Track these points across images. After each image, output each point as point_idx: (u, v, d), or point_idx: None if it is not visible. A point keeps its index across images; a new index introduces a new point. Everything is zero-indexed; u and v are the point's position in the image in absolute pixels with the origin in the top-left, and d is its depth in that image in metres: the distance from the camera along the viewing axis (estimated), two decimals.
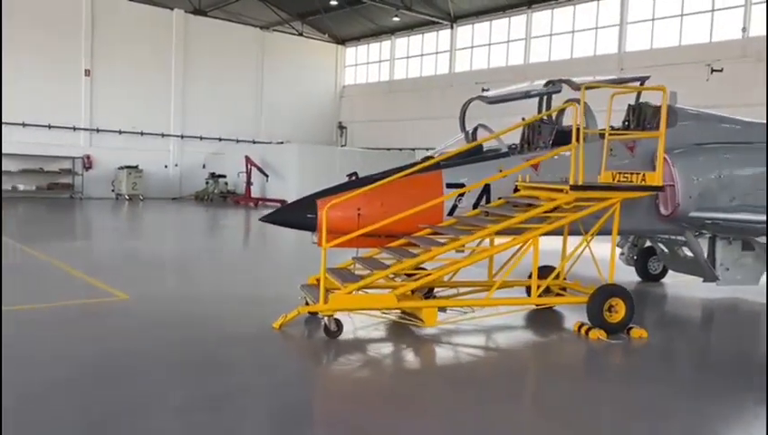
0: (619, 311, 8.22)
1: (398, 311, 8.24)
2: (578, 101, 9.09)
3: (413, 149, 33.14)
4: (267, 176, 30.49)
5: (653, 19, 24.72)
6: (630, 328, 8.24)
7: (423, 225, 8.67)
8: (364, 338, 7.94)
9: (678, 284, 12.31)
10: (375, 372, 6.88)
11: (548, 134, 9.56)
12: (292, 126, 35.78)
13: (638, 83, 10.02)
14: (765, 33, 17.76)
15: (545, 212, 8.25)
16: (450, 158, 9.00)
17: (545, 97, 9.89)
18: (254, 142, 34.13)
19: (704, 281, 10.78)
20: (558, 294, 9.37)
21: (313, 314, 8.21)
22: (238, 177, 31.29)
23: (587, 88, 8.59)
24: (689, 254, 10.87)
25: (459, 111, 10.26)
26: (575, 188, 8.18)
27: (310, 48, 37.34)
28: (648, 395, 6.24)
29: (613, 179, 8.97)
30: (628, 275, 12.14)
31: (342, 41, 38.46)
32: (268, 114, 35.54)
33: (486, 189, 9.01)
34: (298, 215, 8.87)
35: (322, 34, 37.66)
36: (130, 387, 5.88)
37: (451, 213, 8.96)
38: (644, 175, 8.86)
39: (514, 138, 10.00)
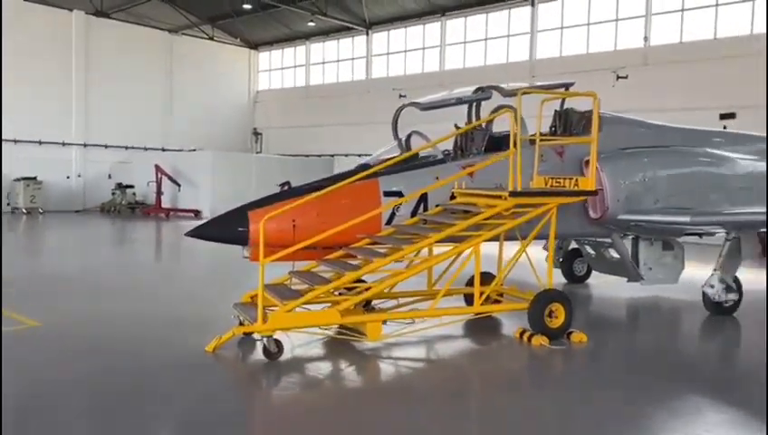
0: (559, 316, 8.27)
1: (337, 326, 7.92)
2: (508, 107, 9.14)
3: (332, 156, 32.85)
4: (179, 185, 29.22)
5: (561, 27, 25.66)
6: (570, 332, 8.31)
7: (361, 235, 8.40)
8: (305, 357, 7.53)
9: (602, 284, 12.68)
10: (322, 396, 6.50)
11: (481, 140, 9.54)
12: (205, 133, 34.54)
13: (563, 90, 10.22)
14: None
15: (485, 219, 8.17)
16: (388, 165, 8.75)
17: (475, 103, 9.90)
18: (164, 150, 32.63)
19: (628, 281, 11.12)
20: (496, 301, 9.34)
21: (249, 334, 7.75)
22: (148, 186, 29.80)
23: (523, 94, 8.59)
24: (615, 255, 11.18)
25: (391, 118, 10.06)
26: (514, 194, 8.16)
27: (221, 52, 36.24)
28: (603, 400, 6.26)
29: (546, 185, 9.08)
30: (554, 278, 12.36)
31: (255, 45, 37.58)
32: (179, 121, 34.11)
33: (424, 197, 8.86)
34: (228, 228, 8.37)
35: (234, 39, 36.63)
36: (48, 428, 5.22)
37: (389, 222, 8.74)
38: (577, 180, 9.00)
39: (447, 144, 9.93)
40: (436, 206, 8.92)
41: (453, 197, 9.04)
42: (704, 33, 22.08)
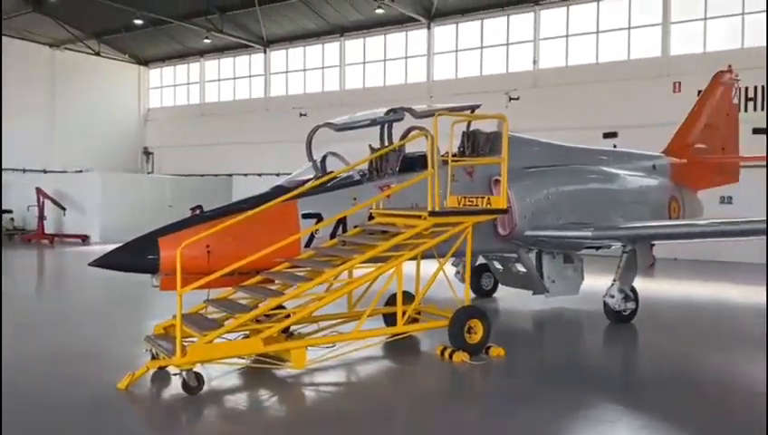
0: (477, 332, 8.46)
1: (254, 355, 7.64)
2: (422, 129, 9.32)
3: (229, 175, 32.03)
4: (64, 209, 27.31)
5: (456, 50, 26.63)
6: (489, 347, 8.53)
7: (280, 259, 8.20)
8: (225, 389, 7.20)
9: (508, 297, 13.14)
10: (249, 429, 6.23)
11: (395, 161, 9.65)
12: (92, 152, 32.60)
13: (469, 111, 10.54)
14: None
15: (406, 238, 8.24)
16: (309, 187, 8.63)
17: (387, 124, 10.01)
18: (46, 172, 30.47)
19: (533, 294, 11.62)
20: (414, 320, 9.41)
21: (163, 368, 7.33)
22: (28, 211, 27.61)
23: (439, 115, 8.78)
24: (521, 269, 11.65)
25: (305, 138, 9.91)
26: (434, 213, 8.29)
27: (109, 69, 34.49)
28: (525, 413, 6.44)
29: (459, 204, 9.32)
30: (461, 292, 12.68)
31: (146, 62, 36.08)
32: (62, 140, 32.02)
33: (342, 218, 8.81)
34: (137, 256, 7.91)
35: (123, 55, 34.99)
36: None
37: (308, 244, 8.61)
38: (488, 198, 9.29)
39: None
40: (355, 227, 8.89)
41: (371, 217, 9.05)
42: (586, 57, 23.69)
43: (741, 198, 19.06)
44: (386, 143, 9.94)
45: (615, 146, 17.27)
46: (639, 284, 11.17)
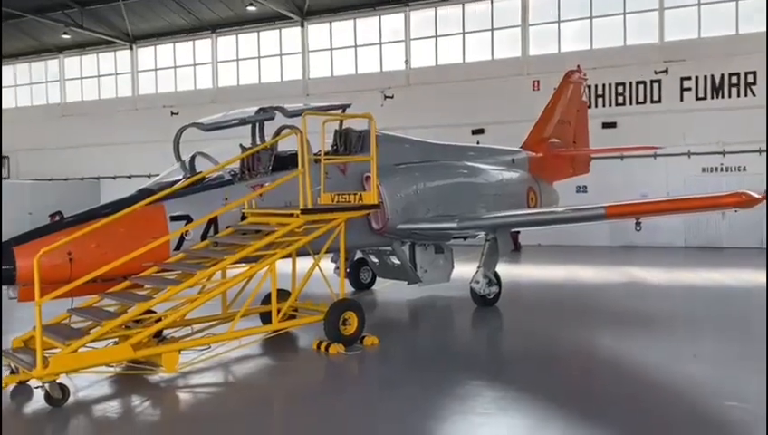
0: (352, 323, 8.77)
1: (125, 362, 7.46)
2: (293, 128, 9.46)
3: (97, 178, 30.33)
4: None
5: (331, 49, 26.87)
6: (363, 337, 8.85)
7: (148, 263, 8.03)
8: (94, 399, 6.97)
9: (385, 290, 13.60)
10: None
11: (267, 160, 9.70)
12: None
13: (341, 111, 10.81)
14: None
15: (279, 237, 8.35)
16: (177, 189, 8.48)
17: (258, 123, 10.05)
18: None
19: (408, 284, 12.14)
20: (291, 316, 9.52)
21: (23, 382, 6.98)
22: None
23: (307, 115, 8.94)
24: (396, 261, 12.11)
25: (172, 139, 9.74)
26: (306, 211, 8.46)
27: None
28: (401, 396, 6.81)
29: (333, 201, 9.56)
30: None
31: None
32: None
33: (214, 219, 8.76)
34: None
35: None
36: None
37: (178, 247, 8.48)
38: (360, 195, 9.61)
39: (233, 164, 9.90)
40: (227, 227, 8.87)
41: (243, 217, 9.07)
42: (454, 57, 24.80)
43: (595, 187, 20.86)
44: (257, 142, 9.97)
45: (478, 142, 18.30)
46: (504, 269, 12.01)
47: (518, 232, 12.30)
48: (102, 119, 30.70)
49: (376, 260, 12.88)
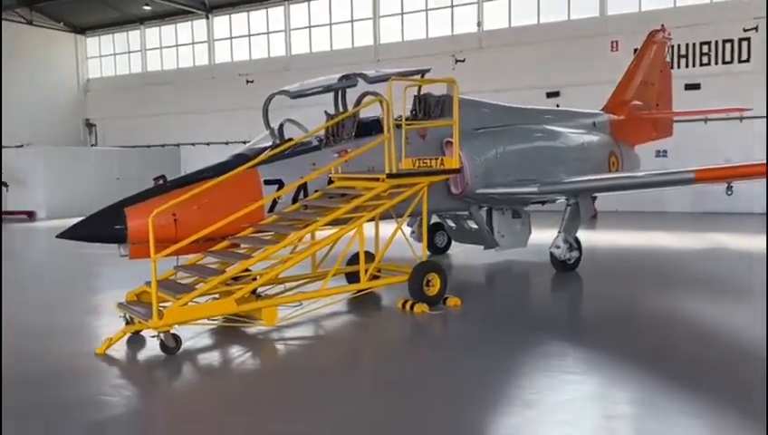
0: (435, 284, 9.04)
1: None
2: (377, 94, 9.68)
3: (177, 145, 31.63)
4: (6, 185, 26.59)
5: (402, 13, 26.77)
6: (446, 298, 9.13)
7: (245, 224, 8.54)
8: (201, 348, 7.56)
9: (461, 254, 13.81)
10: (228, 381, 6.65)
11: (351, 126, 9.99)
12: (30, 126, 31.47)
13: (419, 76, 10.92)
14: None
15: (365, 200, 8.68)
16: (269, 155, 8.93)
17: (341, 90, 10.32)
18: None
19: (485, 248, 12.29)
20: (375, 277, 9.89)
21: (137, 332, 7.66)
22: None
23: (394, 80, 9.14)
24: (473, 226, 12.27)
25: (261, 107, 10.12)
26: (391, 176, 8.74)
27: (43, 38, 33.11)
28: (482, 355, 7.08)
29: (414, 166, 9.78)
30: (418, 250, 13.26)
31: (82, 30, 34.80)
32: None
33: (304, 183, 9.16)
34: (104, 227, 8.10)
35: (57, 23, 33.65)
36: None
37: (272, 209, 8.95)
38: (441, 159, 9.79)
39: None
40: (316, 191, 9.27)
41: (330, 181, 9.43)
42: (528, 19, 24.25)
43: (675, 152, 20.20)
44: (340, 109, 10.27)
45: (558, 105, 17.98)
46: (583, 235, 11.96)
47: (594, 198, 12.14)
48: (181, 87, 31.84)
49: (453, 225, 13.07)
